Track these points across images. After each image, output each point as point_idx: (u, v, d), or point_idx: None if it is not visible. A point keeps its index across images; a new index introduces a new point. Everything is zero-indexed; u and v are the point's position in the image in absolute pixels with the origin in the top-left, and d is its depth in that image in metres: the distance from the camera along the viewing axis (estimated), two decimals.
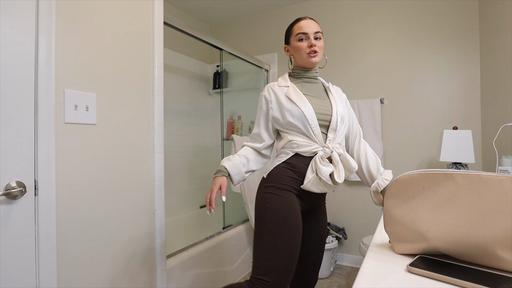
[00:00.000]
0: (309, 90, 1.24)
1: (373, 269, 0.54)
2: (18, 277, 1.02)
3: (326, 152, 1.14)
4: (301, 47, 1.20)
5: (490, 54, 2.02)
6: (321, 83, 1.31)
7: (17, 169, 1.03)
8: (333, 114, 1.19)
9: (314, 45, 1.19)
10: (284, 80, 1.27)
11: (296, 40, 1.22)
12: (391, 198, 0.61)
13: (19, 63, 1.03)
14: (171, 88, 2.76)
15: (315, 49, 1.19)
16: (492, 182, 0.52)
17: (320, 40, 1.22)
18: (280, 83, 1.26)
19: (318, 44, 1.21)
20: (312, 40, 1.19)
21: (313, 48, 1.19)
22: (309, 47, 1.20)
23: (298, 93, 1.20)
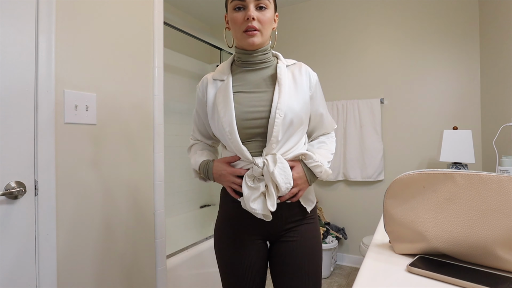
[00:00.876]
0: (248, 82, 0.92)
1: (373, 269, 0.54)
2: (18, 277, 1.02)
3: (254, 170, 0.84)
4: (235, 20, 0.86)
5: (490, 54, 2.02)
6: (274, 67, 0.94)
7: (17, 169, 1.03)
8: (271, 110, 0.84)
9: (252, 18, 0.84)
10: (222, 69, 0.96)
11: (232, 9, 0.87)
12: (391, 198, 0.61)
13: (19, 63, 1.03)
14: (171, 88, 2.76)
15: (253, 25, 0.84)
16: (492, 182, 0.52)
17: (267, 10, 0.86)
18: (216, 74, 0.96)
19: (260, 16, 0.85)
20: (251, 9, 0.84)
21: (250, 23, 0.84)
22: (245, 21, 0.85)
23: (226, 92, 0.89)
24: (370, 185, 2.56)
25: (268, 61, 0.94)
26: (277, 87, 0.88)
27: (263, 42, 0.90)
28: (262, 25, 0.87)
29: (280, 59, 0.96)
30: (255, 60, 0.92)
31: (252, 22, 0.85)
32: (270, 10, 0.88)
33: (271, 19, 0.89)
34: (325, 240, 2.40)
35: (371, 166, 2.48)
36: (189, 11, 3.01)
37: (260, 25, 0.87)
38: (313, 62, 2.79)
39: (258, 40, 0.87)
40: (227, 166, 0.90)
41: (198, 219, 2.95)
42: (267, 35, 0.90)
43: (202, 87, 0.98)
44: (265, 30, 0.88)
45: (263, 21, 0.87)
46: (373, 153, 2.48)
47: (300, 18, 2.86)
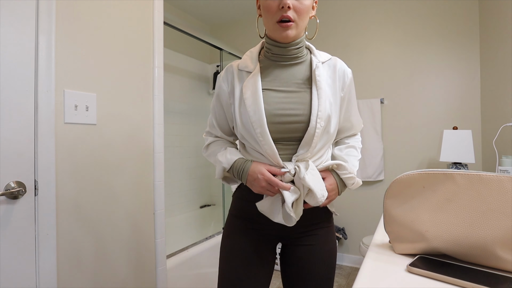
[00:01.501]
0: (278, 79, 0.83)
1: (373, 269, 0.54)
2: (18, 277, 1.02)
3: (285, 178, 0.78)
4: (268, 8, 0.76)
5: (490, 54, 2.02)
6: (308, 64, 0.85)
7: (17, 169, 1.03)
8: (311, 119, 0.77)
9: (288, 7, 0.73)
10: (249, 58, 0.86)
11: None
12: (391, 198, 0.61)
13: (19, 63, 1.03)
14: (171, 88, 2.76)
15: (287, 15, 0.75)
16: (492, 182, 0.52)
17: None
18: (242, 63, 0.86)
19: (297, 4, 0.75)
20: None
21: (284, 12, 0.75)
22: (279, 10, 0.75)
23: (254, 88, 0.80)
24: (370, 185, 2.56)
25: (301, 56, 0.84)
26: (315, 91, 0.79)
27: (298, 34, 0.80)
28: (299, 15, 0.76)
29: (314, 54, 0.86)
30: (288, 55, 0.83)
31: (287, 11, 0.74)
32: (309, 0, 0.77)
33: (309, 8, 0.78)
34: None
35: (371, 166, 2.48)
36: (189, 11, 3.01)
37: (296, 15, 0.76)
38: None
39: (293, 32, 0.77)
40: (266, 172, 0.78)
41: (198, 219, 2.95)
42: (303, 26, 0.79)
43: (227, 76, 0.87)
44: (302, 21, 0.78)
45: (301, 11, 0.75)
46: (373, 153, 2.48)
47: None
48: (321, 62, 0.84)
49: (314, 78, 0.81)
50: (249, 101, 0.79)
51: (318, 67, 0.82)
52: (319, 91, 0.79)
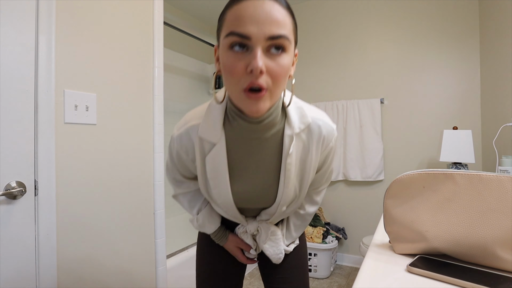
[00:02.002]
0: (245, 155, 0.69)
1: (373, 269, 0.54)
2: (18, 277, 1.02)
3: (248, 230, 0.84)
4: (231, 69, 0.54)
5: (490, 54, 2.02)
6: (280, 136, 0.69)
7: (17, 169, 1.03)
8: (273, 205, 0.76)
9: (260, 71, 0.52)
10: (212, 125, 0.67)
11: (226, 46, 0.55)
12: (391, 198, 0.61)
13: (19, 63, 1.03)
14: (171, 88, 2.76)
15: (259, 83, 0.53)
16: (492, 182, 0.52)
17: (284, 53, 0.55)
18: (204, 131, 0.68)
19: (273, 66, 0.54)
20: (258, 55, 0.52)
21: (255, 78, 0.53)
22: (247, 73, 0.53)
23: (219, 168, 0.70)
24: (370, 185, 2.56)
25: (275, 126, 0.67)
26: (282, 182, 0.71)
27: (273, 104, 0.59)
28: (275, 81, 0.55)
29: (289, 120, 0.68)
30: (259, 130, 0.65)
31: (259, 77, 0.53)
32: (289, 53, 0.56)
33: (288, 68, 0.56)
34: (325, 240, 2.40)
35: (371, 166, 2.48)
36: (189, 11, 3.01)
37: (271, 82, 0.54)
38: (313, 62, 2.79)
39: (266, 105, 0.57)
40: (239, 253, 0.88)
41: None
42: (279, 93, 0.58)
43: (185, 145, 0.72)
44: (278, 88, 0.56)
45: (278, 75, 0.54)
46: (373, 153, 2.48)
47: (300, 18, 2.86)
48: (295, 133, 0.68)
49: (284, 166, 0.70)
50: (213, 181, 0.72)
51: (288, 144, 0.68)
52: (286, 181, 0.71)
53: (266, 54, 0.54)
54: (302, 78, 2.84)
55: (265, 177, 0.72)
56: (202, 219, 0.85)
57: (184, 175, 0.83)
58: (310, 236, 2.42)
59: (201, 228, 0.86)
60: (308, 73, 2.81)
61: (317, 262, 2.37)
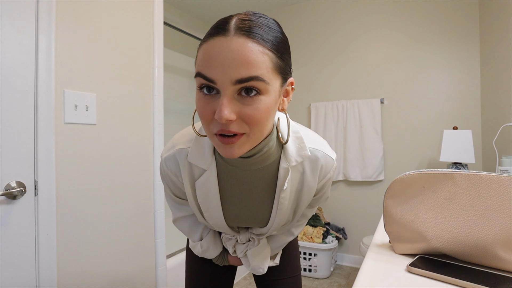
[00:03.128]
0: (238, 183, 0.66)
1: (373, 269, 0.54)
2: (18, 277, 1.02)
3: (238, 240, 0.82)
4: (200, 111, 0.51)
5: (490, 54, 2.02)
6: (275, 166, 0.65)
7: (17, 169, 1.03)
8: (266, 227, 0.75)
9: (227, 120, 0.47)
10: (200, 149, 0.64)
11: (197, 85, 0.51)
12: (391, 198, 0.61)
13: (19, 63, 1.03)
14: (171, 88, 2.76)
15: (231, 130, 0.49)
16: (492, 182, 0.52)
17: (260, 96, 0.48)
18: (193, 155, 0.65)
19: (246, 111, 0.48)
20: (224, 104, 0.47)
21: (225, 128, 0.49)
22: (216, 119, 0.48)
23: (210, 196, 0.68)
24: (370, 185, 2.56)
25: (269, 158, 0.63)
26: (275, 210, 0.69)
27: (253, 146, 0.54)
28: (251, 126, 0.49)
29: (286, 152, 0.64)
30: (249, 163, 0.62)
31: (229, 125, 0.48)
32: (269, 94, 0.49)
33: (268, 110, 0.50)
34: (325, 240, 2.40)
35: (371, 166, 2.48)
36: (189, 11, 3.01)
37: (247, 127, 0.49)
38: (313, 62, 2.79)
39: (243, 149, 0.52)
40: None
41: None
42: (261, 135, 0.53)
43: (173, 169, 0.69)
44: (258, 131, 0.51)
45: (252, 120, 0.48)
46: (373, 153, 2.48)
47: (300, 18, 2.86)
48: (292, 166, 0.64)
49: (277, 199, 0.67)
50: (204, 207, 0.70)
51: (283, 178, 0.64)
52: (279, 212, 0.69)
53: (238, 98, 0.48)
54: (302, 78, 2.84)
55: (257, 206, 0.70)
56: (207, 245, 0.82)
57: (180, 197, 0.78)
58: (310, 236, 2.42)
59: (204, 253, 0.84)
60: (308, 73, 2.81)
61: (317, 262, 2.37)
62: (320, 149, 0.68)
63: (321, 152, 0.68)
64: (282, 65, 0.51)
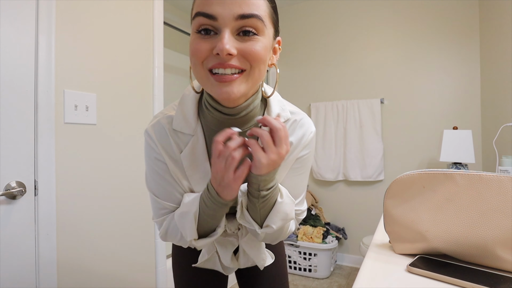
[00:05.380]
0: None
1: (373, 269, 0.54)
2: (18, 277, 1.02)
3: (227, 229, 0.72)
4: (195, 49, 0.50)
5: (490, 54, 2.02)
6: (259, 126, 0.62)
7: (17, 169, 1.03)
8: None
9: (228, 54, 0.47)
10: (185, 112, 0.62)
11: (194, 29, 0.51)
12: (391, 198, 0.61)
13: (19, 63, 1.03)
14: (171, 88, 2.76)
15: (231, 64, 0.49)
16: (492, 182, 0.52)
17: (257, 37, 0.50)
18: (178, 121, 0.62)
19: (247, 48, 0.49)
20: (226, 37, 0.47)
21: (223, 63, 0.48)
22: (213, 55, 0.49)
23: (199, 156, 0.63)
24: (370, 185, 2.56)
25: (254, 119, 0.61)
26: None
27: (249, 90, 0.53)
28: (251, 63, 0.50)
29: (269, 110, 0.63)
30: (235, 123, 0.59)
31: (229, 60, 0.48)
32: (265, 37, 0.51)
33: (264, 52, 0.51)
34: (325, 240, 2.40)
35: (371, 166, 2.48)
36: (189, 11, 3.01)
37: (247, 63, 0.50)
38: (313, 62, 2.79)
39: (241, 89, 0.50)
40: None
41: None
42: (258, 78, 0.53)
43: (160, 139, 0.62)
44: (256, 69, 0.51)
45: (252, 56, 0.49)
46: (373, 153, 2.48)
47: (300, 18, 2.86)
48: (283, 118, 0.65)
49: None
50: (197, 188, 0.65)
51: None
52: None
53: (237, 38, 0.49)
54: (302, 78, 2.84)
55: None
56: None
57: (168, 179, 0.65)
58: (310, 236, 2.42)
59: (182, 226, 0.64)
60: (308, 73, 2.81)
61: (317, 262, 2.37)
62: (300, 113, 0.68)
63: (301, 115, 0.67)
64: (275, 17, 0.55)
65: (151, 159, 0.64)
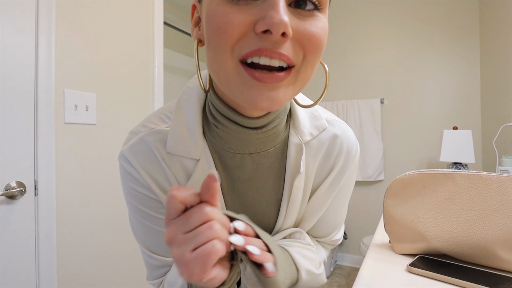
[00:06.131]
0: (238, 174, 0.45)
1: (373, 269, 0.54)
2: (18, 277, 1.02)
3: None
4: (220, 23, 0.30)
5: (490, 54, 2.02)
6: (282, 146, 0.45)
7: (17, 169, 1.03)
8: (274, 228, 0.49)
9: (283, 33, 0.29)
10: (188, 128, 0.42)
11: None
12: (391, 198, 0.61)
13: (19, 63, 1.03)
14: (171, 88, 2.76)
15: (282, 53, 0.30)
16: (492, 182, 0.52)
17: (318, 13, 0.32)
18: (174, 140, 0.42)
19: (306, 28, 0.31)
20: (281, 5, 0.28)
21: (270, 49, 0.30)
22: (255, 35, 0.30)
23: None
24: (370, 185, 2.56)
25: (279, 136, 0.44)
26: (285, 205, 0.47)
27: (300, 89, 0.36)
28: (309, 54, 0.33)
29: (296, 121, 0.45)
30: (256, 141, 0.42)
31: (281, 44, 0.30)
32: (325, 17, 0.35)
33: (326, 38, 0.34)
34: None
35: (371, 166, 2.48)
36: (189, 11, 3.01)
37: (301, 56, 0.33)
38: None
39: (287, 95, 0.34)
40: None
41: None
42: (308, 79, 0.36)
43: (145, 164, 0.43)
44: (312, 65, 0.34)
45: (314, 43, 0.32)
46: (373, 153, 2.48)
47: None
48: (305, 141, 0.45)
49: (287, 189, 0.46)
50: None
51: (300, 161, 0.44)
52: (290, 206, 0.46)
53: (291, 11, 0.31)
54: None
55: (263, 200, 0.47)
56: None
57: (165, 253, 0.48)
58: None
59: None
60: None
61: None
62: (339, 122, 0.49)
63: (340, 124, 0.48)
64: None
65: (134, 196, 0.44)
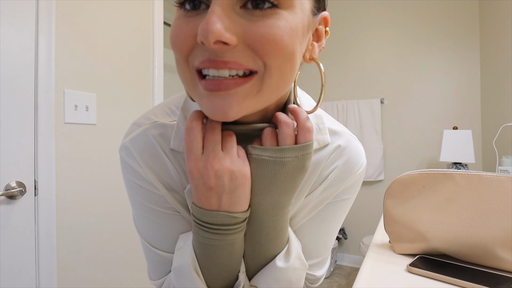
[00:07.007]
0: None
1: (373, 269, 0.54)
2: (18, 277, 1.02)
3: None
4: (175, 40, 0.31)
5: (490, 54, 2.02)
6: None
7: (17, 169, 1.03)
8: None
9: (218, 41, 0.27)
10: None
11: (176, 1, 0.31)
12: (391, 198, 0.61)
13: (19, 63, 1.03)
14: (171, 88, 2.76)
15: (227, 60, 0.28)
16: (492, 182, 0.52)
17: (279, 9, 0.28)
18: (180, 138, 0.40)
19: (256, 30, 0.28)
20: (215, 13, 0.26)
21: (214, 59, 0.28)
22: (201, 46, 0.29)
23: None
24: (370, 185, 2.56)
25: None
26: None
27: (262, 106, 0.33)
28: (267, 58, 0.29)
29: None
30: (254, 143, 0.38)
31: (223, 51, 0.28)
32: (292, 12, 0.30)
33: (292, 37, 0.30)
34: None
35: (371, 166, 2.48)
36: None
37: (259, 60, 0.29)
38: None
39: (245, 106, 0.31)
40: None
41: None
42: (280, 86, 0.32)
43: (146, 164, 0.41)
44: (274, 73, 0.30)
45: (267, 47, 0.28)
46: (373, 153, 2.48)
47: None
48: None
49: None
50: None
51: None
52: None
53: (242, 13, 0.29)
54: (301, 78, 2.84)
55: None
56: None
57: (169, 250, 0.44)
58: None
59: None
60: (308, 73, 2.81)
61: None
62: (345, 133, 0.45)
63: (348, 136, 0.45)
64: None
65: (135, 189, 0.42)
